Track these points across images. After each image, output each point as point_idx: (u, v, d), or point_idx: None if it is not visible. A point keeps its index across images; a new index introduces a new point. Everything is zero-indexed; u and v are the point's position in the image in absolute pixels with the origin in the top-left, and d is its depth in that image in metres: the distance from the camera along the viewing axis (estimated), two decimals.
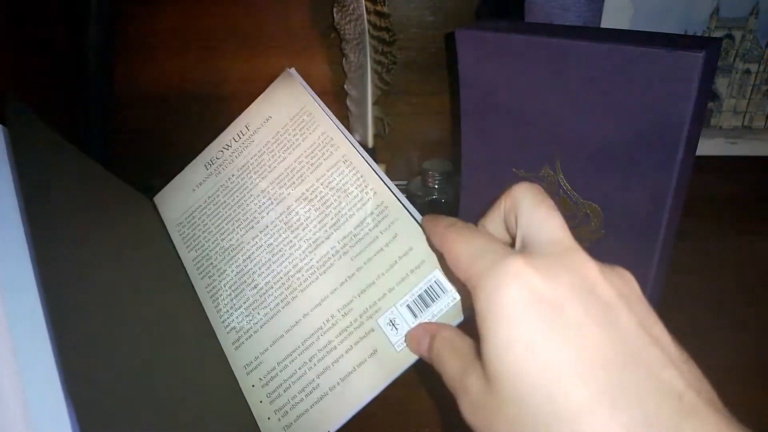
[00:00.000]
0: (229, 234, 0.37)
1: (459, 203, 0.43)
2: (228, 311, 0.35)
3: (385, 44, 0.55)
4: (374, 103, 0.58)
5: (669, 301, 0.42)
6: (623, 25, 0.54)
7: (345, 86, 0.58)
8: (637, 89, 0.32)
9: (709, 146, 0.60)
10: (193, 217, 0.39)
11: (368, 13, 0.53)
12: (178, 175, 0.41)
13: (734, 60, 0.56)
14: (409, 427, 0.39)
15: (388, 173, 0.64)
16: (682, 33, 0.54)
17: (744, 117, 0.59)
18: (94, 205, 0.36)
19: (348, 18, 0.55)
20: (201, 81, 0.61)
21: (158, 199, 0.41)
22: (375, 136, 0.59)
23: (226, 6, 0.58)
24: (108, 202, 0.38)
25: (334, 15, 0.55)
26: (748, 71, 0.57)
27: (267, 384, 0.32)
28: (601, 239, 0.38)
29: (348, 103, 0.59)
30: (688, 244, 0.47)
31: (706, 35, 0.55)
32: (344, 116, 0.60)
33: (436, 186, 0.56)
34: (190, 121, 0.62)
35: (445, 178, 0.56)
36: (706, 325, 0.46)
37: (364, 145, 0.59)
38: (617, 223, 0.37)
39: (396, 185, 0.33)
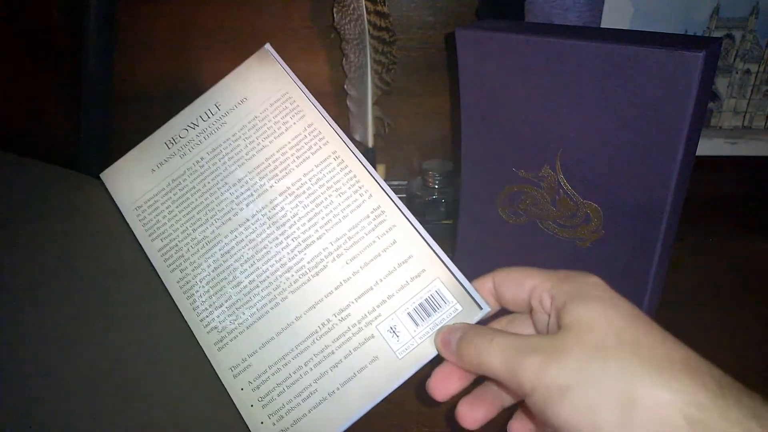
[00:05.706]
0: (202, 224, 0.34)
1: (459, 203, 0.43)
2: (207, 309, 0.33)
3: (385, 44, 0.55)
4: (374, 103, 0.58)
5: (669, 301, 0.42)
6: (623, 25, 0.54)
7: (345, 86, 0.58)
8: (637, 89, 0.32)
9: (709, 146, 0.60)
10: (155, 202, 0.36)
11: (368, 13, 0.53)
12: (132, 150, 0.37)
13: (734, 60, 0.56)
14: (409, 427, 0.39)
15: (388, 173, 0.65)
16: (682, 33, 0.54)
17: (744, 117, 0.59)
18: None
19: (348, 18, 0.55)
20: (201, 81, 0.61)
21: (106, 175, 0.37)
22: (375, 136, 0.59)
23: (225, 6, 0.58)
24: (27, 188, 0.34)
25: (334, 15, 0.55)
26: (748, 71, 0.57)
27: (258, 388, 0.31)
28: (601, 239, 0.38)
29: (348, 103, 0.59)
30: (688, 244, 0.47)
31: (706, 35, 0.55)
32: (344, 116, 0.60)
33: (436, 186, 0.56)
34: None
35: (445, 178, 0.56)
36: (706, 325, 0.46)
37: (363, 145, 0.59)
38: (617, 223, 0.37)
39: (396, 185, 0.33)
